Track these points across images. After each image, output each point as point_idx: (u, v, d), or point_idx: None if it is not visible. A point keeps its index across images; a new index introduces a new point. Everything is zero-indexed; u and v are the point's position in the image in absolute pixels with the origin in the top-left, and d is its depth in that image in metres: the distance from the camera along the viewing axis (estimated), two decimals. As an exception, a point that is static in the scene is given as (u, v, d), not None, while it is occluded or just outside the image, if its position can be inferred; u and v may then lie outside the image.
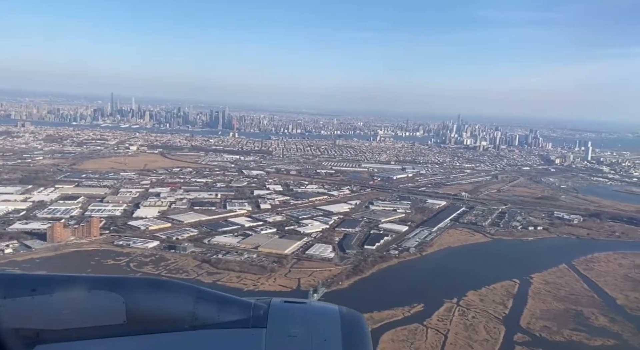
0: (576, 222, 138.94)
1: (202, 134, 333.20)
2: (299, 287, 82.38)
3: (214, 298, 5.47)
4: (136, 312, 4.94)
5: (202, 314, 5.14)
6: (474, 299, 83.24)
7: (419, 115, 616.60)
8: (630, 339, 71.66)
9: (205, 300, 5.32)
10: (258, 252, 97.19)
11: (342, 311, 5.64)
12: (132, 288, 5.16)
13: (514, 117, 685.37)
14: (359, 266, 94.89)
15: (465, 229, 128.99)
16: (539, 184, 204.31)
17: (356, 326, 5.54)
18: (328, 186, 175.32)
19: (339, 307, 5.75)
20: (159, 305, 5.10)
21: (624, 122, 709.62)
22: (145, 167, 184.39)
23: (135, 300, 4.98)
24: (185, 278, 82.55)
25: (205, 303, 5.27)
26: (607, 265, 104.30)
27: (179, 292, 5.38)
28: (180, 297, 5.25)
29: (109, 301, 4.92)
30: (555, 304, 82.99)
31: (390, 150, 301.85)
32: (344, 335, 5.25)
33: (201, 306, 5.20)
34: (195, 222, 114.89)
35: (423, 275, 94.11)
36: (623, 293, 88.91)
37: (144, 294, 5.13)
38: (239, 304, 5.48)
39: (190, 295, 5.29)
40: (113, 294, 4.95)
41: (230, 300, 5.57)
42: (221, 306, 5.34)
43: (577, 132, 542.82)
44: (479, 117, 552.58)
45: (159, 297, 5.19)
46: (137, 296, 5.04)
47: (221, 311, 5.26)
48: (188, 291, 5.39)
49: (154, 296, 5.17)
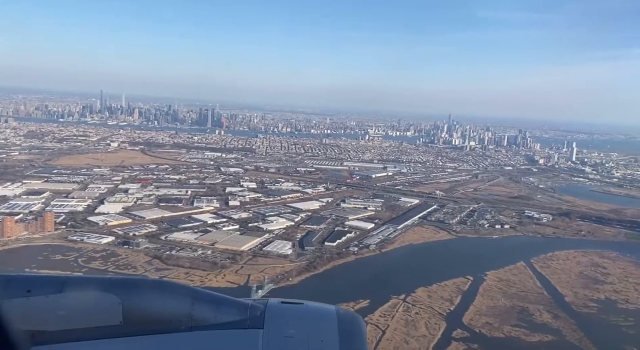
0: (545, 221, 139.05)
1: (190, 132, 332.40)
2: (247, 284, 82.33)
3: (210, 299, 5.48)
4: (132, 312, 4.91)
5: (199, 315, 5.12)
6: (422, 296, 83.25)
7: (413, 115, 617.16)
8: (568, 335, 71.71)
9: (202, 300, 5.32)
10: (214, 249, 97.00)
11: (339, 312, 5.65)
12: (128, 289, 5.14)
13: (509, 118, 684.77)
14: (314, 263, 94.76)
15: (432, 226, 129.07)
16: (518, 184, 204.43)
17: (353, 327, 5.54)
18: (304, 184, 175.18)
19: (336, 307, 5.77)
20: (156, 306, 5.09)
21: (619, 124, 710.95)
22: (121, 164, 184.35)
23: (131, 301, 4.94)
24: (133, 273, 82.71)
25: (202, 304, 5.27)
26: (565, 263, 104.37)
27: (176, 292, 5.36)
28: (176, 298, 5.23)
29: (105, 302, 4.88)
30: (503, 301, 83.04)
31: (376, 149, 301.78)
32: (341, 335, 5.23)
33: (198, 307, 5.18)
34: (158, 218, 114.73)
35: (377, 271, 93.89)
36: (573, 290, 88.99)
37: (140, 295, 5.11)
38: (235, 304, 5.47)
39: (187, 296, 5.28)
40: (109, 295, 4.91)
41: (227, 301, 5.58)
42: (218, 307, 5.34)
43: (569, 133, 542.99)
44: (473, 118, 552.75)
45: (155, 298, 5.16)
46: (133, 297, 5.01)
47: (218, 312, 5.25)
48: (185, 292, 5.39)
49: (150, 297, 5.15)
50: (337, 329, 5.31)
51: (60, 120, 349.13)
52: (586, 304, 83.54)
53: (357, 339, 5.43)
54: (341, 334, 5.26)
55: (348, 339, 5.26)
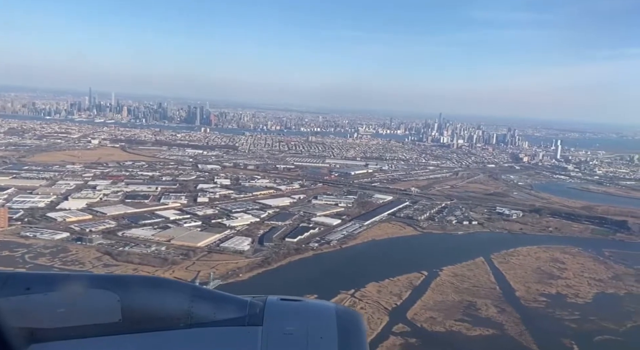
0: (515, 217, 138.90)
1: (177, 130, 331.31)
2: (194, 280, 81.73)
3: (209, 296, 5.45)
4: (131, 310, 4.85)
5: (198, 312, 5.04)
6: (372, 291, 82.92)
7: (407, 114, 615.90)
8: (510, 329, 71.49)
9: (201, 298, 5.24)
10: (169, 245, 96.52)
11: (338, 309, 5.56)
12: (127, 286, 5.11)
13: (503, 117, 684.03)
14: (269, 259, 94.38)
15: (399, 222, 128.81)
16: (497, 181, 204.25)
17: (352, 324, 5.46)
18: (280, 181, 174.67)
19: (336, 305, 5.70)
20: (155, 303, 5.05)
21: (613, 123, 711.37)
22: (97, 161, 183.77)
23: (130, 299, 4.89)
24: (79, 270, 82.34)
25: (201, 301, 5.19)
26: (525, 258, 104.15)
27: (175, 290, 5.31)
28: (175, 295, 5.17)
29: (104, 299, 4.83)
30: (452, 296, 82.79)
31: (362, 147, 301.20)
32: (340, 333, 5.14)
33: (197, 304, 5.10)
34: (120, 214, 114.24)
35: (332, 267, 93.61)
36: (526, 285, 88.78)
37: (139, 292, 5.05)
38: (235, 302, 5.35)
39: (186, 293, 5.21)
40: (108, 292, 4.86)
41: (226, 298, 5.49)
42: (217, 304, 5.25)
43: (562, 132, 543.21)
44: (467, 117, 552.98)
45: (154, 295, 5.12)
46: (132, 294, 4.96)
47: (217, 309, 5.16)
48: (184, 289, 5.32)
49: (149, 294, 5.11)
50: (336, 326, 5.22)
51: (47, 118, 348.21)
52: (536, 299, 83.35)
53: (356, 337, 5.38)
54: (340, 331, 5.17)
55: (347, 336, 5.19)
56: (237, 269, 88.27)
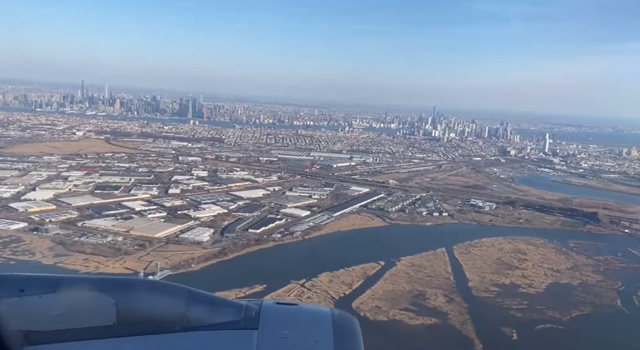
0: (487, 209, 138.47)
1: (169, 122, 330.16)
2: (145, 270, 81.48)
3: (205, 299, 5.43)
4: (126, 313, 4.85)
5: (193, 315, 5.06)
6: (324, 280, 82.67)
7: (406, 108, 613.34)
8: (453, 318, 71.22)
9: (197, 301, 5.26)
10: (127, 235, 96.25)
11: (333, 313, 5.62)
12: (122, 289, 5.09)
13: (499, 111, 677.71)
14: (226, 249, 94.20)
15: (370, 214, 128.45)
16: (480, 174, 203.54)
17: (348, 328, 5.47)
18: (259, 173, 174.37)
19: (331, 309, 5.77)
20: (150, 306, 5.04)
21: (612, 118, 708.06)
22: (77, 152, 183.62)
23: (125, 301, 4.89)
24: (29, 260, 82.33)
25: (197, 304, 5.21)
26: (488, 249, 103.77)
27: (170, 293, 5.31)
28: (171, 298, 5.17)
29: (99, 302, 4.83)
30: (403, 286, 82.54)
31: (351, 140, 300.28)
32: (335, 337, 5.17)
33: (192, 307, 5.11)
34: (85, 205, 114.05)
35: (290, 257, 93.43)
36: (482, 275, 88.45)
37: (134, 295, 5.06)
38: (230, 305, 5.44)
39: (182, 296, 5.21)
40: (103, 295, 4.85)
41: (222, 301, 5.54)
42: (212, 307, 5.29)
43: (558, 126, 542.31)
44: (465, 111, 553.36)
45: (149, 298, 5.12)
46: (127, 297, 4.96)
47: (212, 312, 5.20)
48: (179, 292, 5.30)
49: (144, 297, 5.12)
50: (331, 330, 5.24)
51: (38, 110, 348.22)
52: (487, 289, 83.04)
53: (351, 341, 5.35)
54: (335, 335, 5.20)
55: (342, 340, 5.20)
56: (191, 259, 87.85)
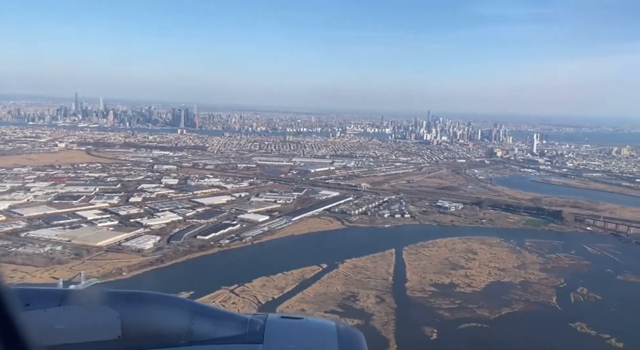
0: (453, 210, 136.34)
1: (160, 132, 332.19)
2: (73, 279, 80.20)
3: (210, 313, 5.44)
4: (131, 327, 4.81)
5: (198, 329, 5.02)
6: (256, 285, 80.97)
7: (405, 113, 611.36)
8: (377, 319, 69.32)
9: (201, 315, 5.23)
10: (67, 244, 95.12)
11: (339, 327, 5.56)
12: (127, 303, 5.07)
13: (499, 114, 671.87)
14: (165, 257, 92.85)
15: (330, 217, 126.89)
16: (458, 175, 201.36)
17: (353, 343, 5.39)
18: (231, 179, 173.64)
19: (336, 323, 5.70)
20: (155, 320, 5.01)
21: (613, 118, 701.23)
22: (53, 163, 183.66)
23: (130, 315, 4.86)
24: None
25: (201, 318, 5.17)
26: (439, 250, 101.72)
27: (175, 307, 5.29)
28: (175, 312, 5.15)
29: (104, 316, 4.80)
30: (337, 288, 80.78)
31: (337, 145, 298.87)
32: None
33: (197, 321, 5.08)
34: (37, 215, 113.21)
35: (230, 263, 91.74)
36: (422, 276, 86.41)
37: (139, 309, 5.03)
38: (235, 319, 5.41)
39: (186, 310, 5.20)
40: (108, 309, 4.83)
41: (227, 315, 5.59)
42: (217, 321, 5.26)
43: (557, 127, 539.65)
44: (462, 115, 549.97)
45: (154, 312, 5.09)
46: (132, 311, 4.93)
47: (217, 326, 5.17)
48: (184, 306, 5.31)
49: (149, 311, 5.08)
50: (337, 345, 5.14)
51: (30, 124, 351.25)
52: (423, 289, 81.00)
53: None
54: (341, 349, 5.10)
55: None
56: (125, 267, 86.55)
